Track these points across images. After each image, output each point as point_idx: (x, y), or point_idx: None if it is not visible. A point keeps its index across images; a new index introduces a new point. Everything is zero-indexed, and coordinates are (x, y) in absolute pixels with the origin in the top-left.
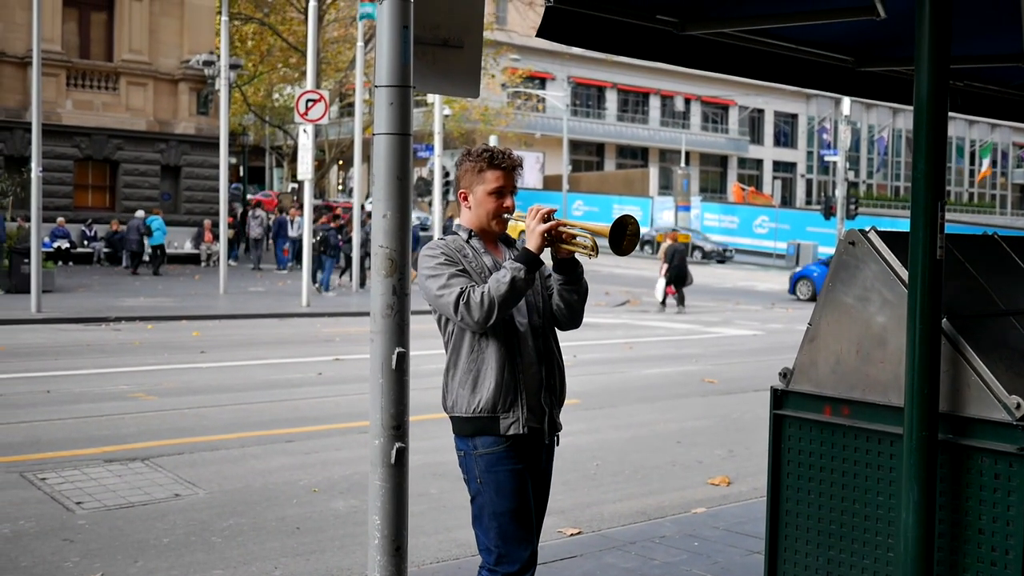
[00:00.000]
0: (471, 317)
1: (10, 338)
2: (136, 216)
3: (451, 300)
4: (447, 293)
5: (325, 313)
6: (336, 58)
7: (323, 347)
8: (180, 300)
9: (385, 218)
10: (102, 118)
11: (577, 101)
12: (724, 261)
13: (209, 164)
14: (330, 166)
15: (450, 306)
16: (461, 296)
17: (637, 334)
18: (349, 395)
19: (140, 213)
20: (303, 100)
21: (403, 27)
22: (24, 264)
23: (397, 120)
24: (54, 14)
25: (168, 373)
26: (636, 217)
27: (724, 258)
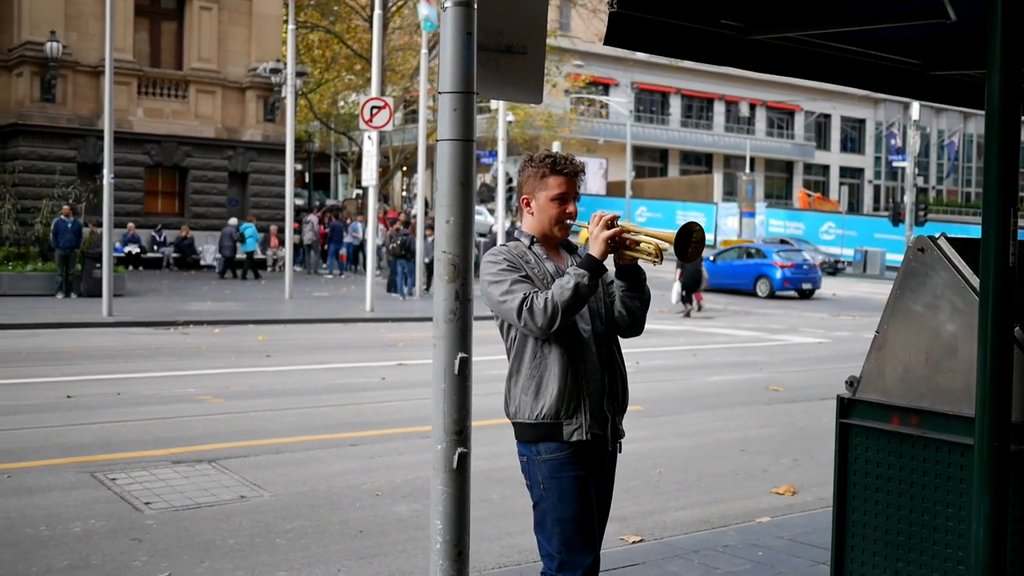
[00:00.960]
0: (534, 323)
1: (83, 341)
2: (229, 223)
3: (514, 306)
4: (510, 299)
5: (389, 318)
6: (401, 65)
7: (386, 352)
8: (246, 305)
9: (448, 224)
10: (172, 125)
11: (641, 107)
12: (836, 272)
13: (275, 171)
14: (394, 172)
15: (513, 312)
16: (524, 302)
17: (700, 341)
18: (412, 400)
19: (233, 220)
20: (368, 107)
21: (467, 33)
22: (96, 269)
23: (460, 126)
24: (126, 24)
25: (234, 376)
26: (701, 224)
27: (836, 269)
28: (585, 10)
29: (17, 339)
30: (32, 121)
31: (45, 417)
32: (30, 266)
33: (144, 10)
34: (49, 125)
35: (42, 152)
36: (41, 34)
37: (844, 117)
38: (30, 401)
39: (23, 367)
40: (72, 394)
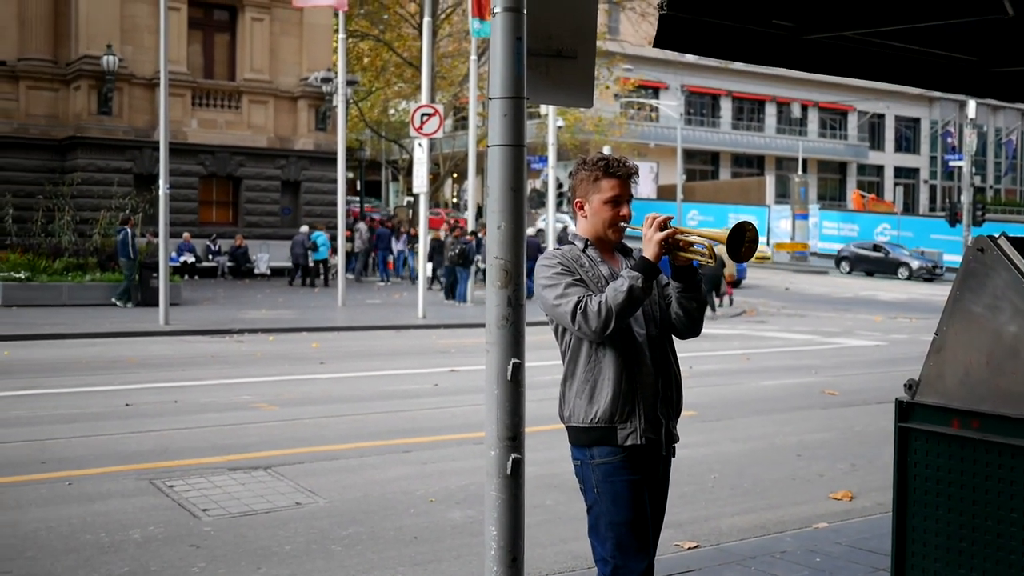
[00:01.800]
0: (588, 326)
1: (140, 350)
2: (301, 231)
3: (568, 309)
4: (564, 302)
5: (441, 324)
6: (450, 72)
7: (439, 358)
8: (300, 312)
9: (499, 229)
10: (225, 136)
11: (691, 110)
12: (933, 279)
13: (327, 179)
14: (444, 179)
15: (567, 315)
16: (578, 305)
17: (754, 345)
18: (465, 406)
19: (304, 228)
20: (418, 114)
21: (516, 39)
22: (153, 278)
23: (511, 131)
24: (180, 37)
25: (289, 384)
26: (754, 224)
27: (933, 275)
28: (634, 13)
29: (77, 348)
30: (89, 134)
31: (105, 425)
32: (88, 276)
33: (197, 23)
34: (106, 137)
35: (99, 164)
36: (98, 48)
37: (898, 116)
38: (90, 409)
39: (83, 376)
40: (131, 402)
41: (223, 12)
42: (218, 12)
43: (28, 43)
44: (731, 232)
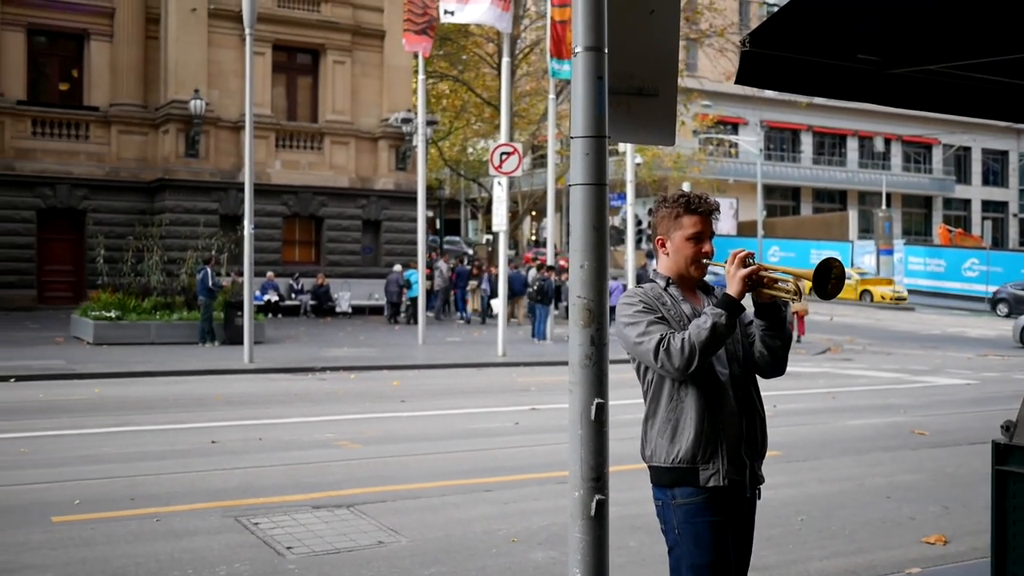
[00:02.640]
0: (671, 363)
1: (226, 387)
2: (394, 270)
3: (651, 347)
4: (647, 340)
5: (521, 363)
6: (528, 111)
7: (519, 396)
8: (381, 350)
9: (582, 268)
10: (308, 176)
11: (771, 145)
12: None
13: (407, 218)
14: (523, 217)
15: (650, 352)
16: (661, 342)
17: (840, 383)
18: (546, 444)
19: (398, 267)
20: (497, 153)
21: (598, 78)
22: (238, 317)
23: (593, 170)
24: (264, 80)
25: (371, 422)
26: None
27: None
28: (712, 49)
29: (165, 386)
30: (177, 176)
31: (191, 462)
32: (176, 315)
33: (281, 66)
34: (193, 179)
35: (187, 205)
36: (186, 93)
37: (985, 149)
38: (178, 446)
39: (171, 413)
40: (216, 439)
41: (306, 56)
42: (301, 56)
43: (120, 90)
44: (817, 269)
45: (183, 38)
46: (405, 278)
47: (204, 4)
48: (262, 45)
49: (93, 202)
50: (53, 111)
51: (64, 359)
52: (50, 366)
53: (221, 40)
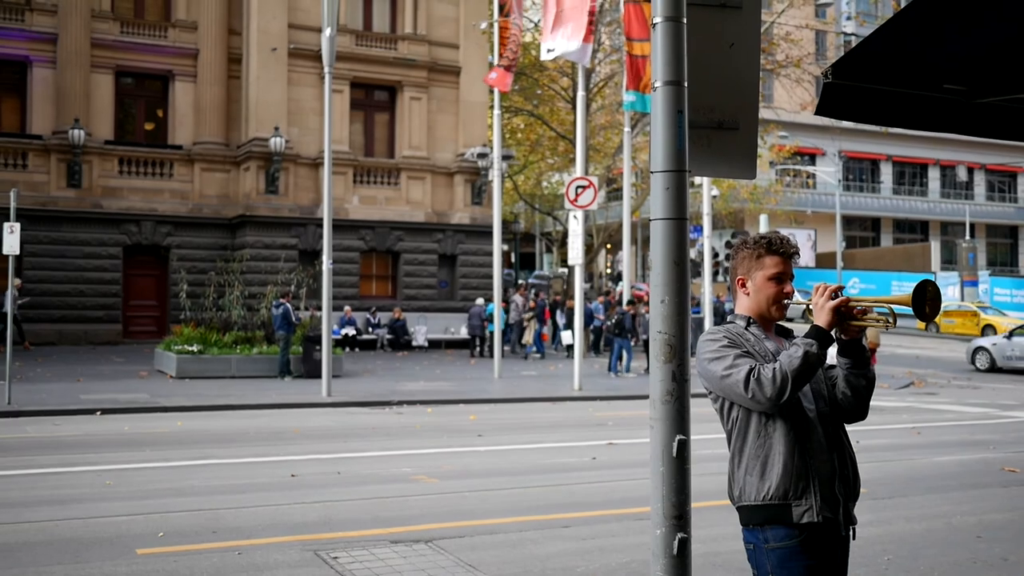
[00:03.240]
0: (763, 393)
1: (304, 421)
2: (477, 303)
3: (740, 378)
4: (735, 371)
5: (597, 396)
6: (603, 144)
7: (596, 431)
8: (457, 384)
9: (663, 303)
10: (385, 211)
11: (850, 175)
12: None
13: (483, 252)
14: (598, 250)
15: (740, 384)
16: (752, 373)
17: (924, 418)
18: (624, 480)
19: (480, 300)
20: (573, 187)
21: (677, 112)
22: (316, 351)
23: (673, 205)
24: (342, 117)
25: (448, 456)
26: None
27: None
28: (788, 80)
29: (245, 419)
30: (258, 212)
31: (272, 495)
32: (256, 349)
33: (359, 103)
34: (273, 215)
35: (267, 241)
36: (266, 130)
37: None
38: (258, 479)
39: (251, 446)
40: (296, 473)
41: (383, 92)
42: (378, 93)
43: (203, 128)
44: (915, 292)
45: (264, 77)
46: (487, 312)
47: (284, 44)
48: (340, 83)
49: (177, 238)
50: (139, 150)
51: (148, 393)
52: (135, 399)
53: (300, 79)
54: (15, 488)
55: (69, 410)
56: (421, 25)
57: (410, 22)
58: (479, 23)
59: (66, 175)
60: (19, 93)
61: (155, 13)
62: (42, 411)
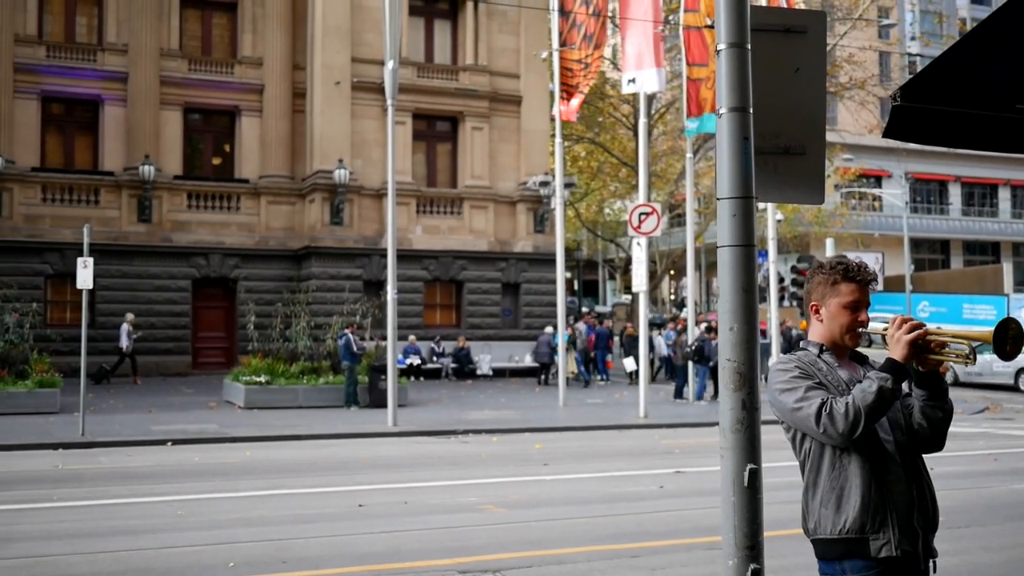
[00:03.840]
0: (835, 428)
1: (371, 450)
2: (545, 331)
3: (812, 411)
4: (806, 405)
5: (663, 424)
6: (666, 170)
7: (663, 459)
8: (522, 412)
9: (732, 331)
10: (448, 241)
11: (917, 197)
12: None
13: (546, 280)
14: (662, 277)
15: (811, 418)
16: (823, 407)
17: (1001, 444)
18: (692, 509)
19: (548, 329)
20: (636, 213)
21: (743, 138)
22: (381, 380)
23: (740, 231)
24: (405, 149)
25: (514, 485)
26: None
27: None
28: (852, 102)
29: (313, 449)
30: (323, 243)
31: (339, 525)
32: (322, 380)
33: (421, 134)
34: (338, 246)
35: (332, 272)
36: (330, 163)
37: None
38: (326, 509)
39: (319, 476)
40: (363, 503)
41: (445, 123)
42: (440, 124)
43: (268, 162)
44: (996, 329)
45: (327, 111)
46: (555, 340)
47: (348, 78)
48: (403, 115)
49: (244, 270)
50: (207, 184)
51: (217, 423)
52: (204, 430)
53: (364, 111)
54: (89, 518)
55: (141, 441)
56: (482, 56)
57: (471, 53)
58: (539, 53)
59: (137, 210)
60: (92, 131)
61: (222, 50)
62: (115, 442)
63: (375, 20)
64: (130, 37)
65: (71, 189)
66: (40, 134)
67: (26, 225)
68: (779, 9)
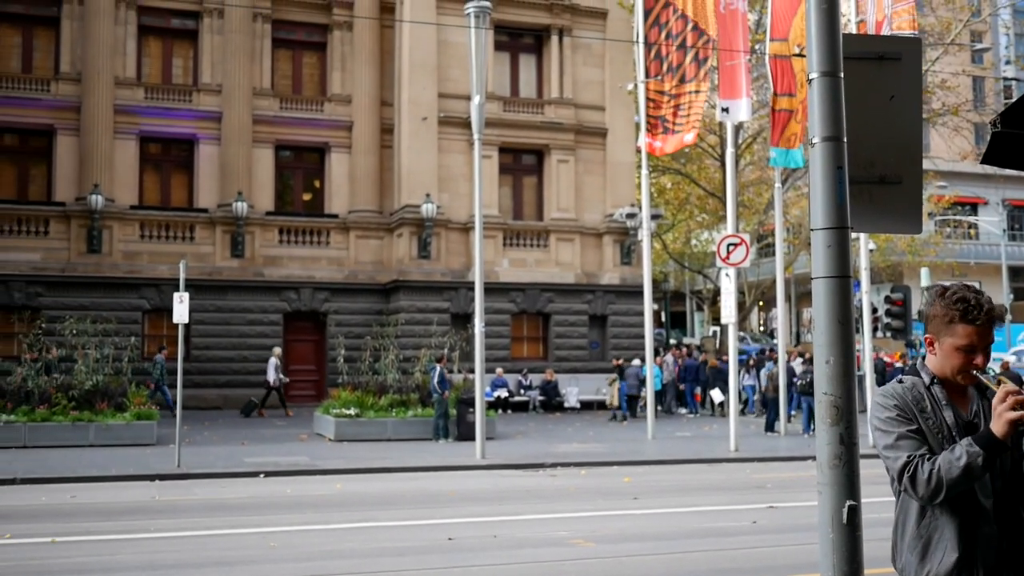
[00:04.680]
0: (915, 492)
1: (459, 483)
2: (633, 364)
3: (896, 467)
4: (893, 456)
5: (754, 458)
6: (753, 201)
7: (755, 493)
8: (610, 446)
9: (828, 364)
10: (534, 273)
11: (1015, 224)
12: None
13: (633, 312)
14: (751, 308)
15: (895, 472)
16: (907, 467)
17: None
18: (787, 545)
19: (636, 361)
20: (724, 244)
21: (837, 168)
22: (469, 413)
23: (836, 262)
24: (491, 182)
25: (604, 519)
26: None
27: None
28: (946, 129)
29: (402, 481)
30: (411, 277)
31: (429, 559)
32: (411, 412)
33: (507, 168)
34: (425, 280)
35: (419, 305)
36: (418, 197)
37: None
38: (416, 542)
39: (408, 509)
40: (453, 536)
41: (531, 156)
42: (526, 157)
43: (357, 197)
44: None
45: (415, 146)
46: (643, 372)
47: (434, 113)
48: (489, 148)
49: (333, 304)
50: (297, 220)
51: (308, 455)
52: (296, 462)
53: (450, 146)
54: (186, 549)
55: (234, 473)
56: (567, 89)
57: (556, 86)
58: (624, 85)
59: (230, 246)
60: (187, 169)
61: (312, 88)
62: (209, 474)
63: (461, 56)
64: (224, 78)
65: (167, 226)
66: (138, 173)
67: (125, 261)
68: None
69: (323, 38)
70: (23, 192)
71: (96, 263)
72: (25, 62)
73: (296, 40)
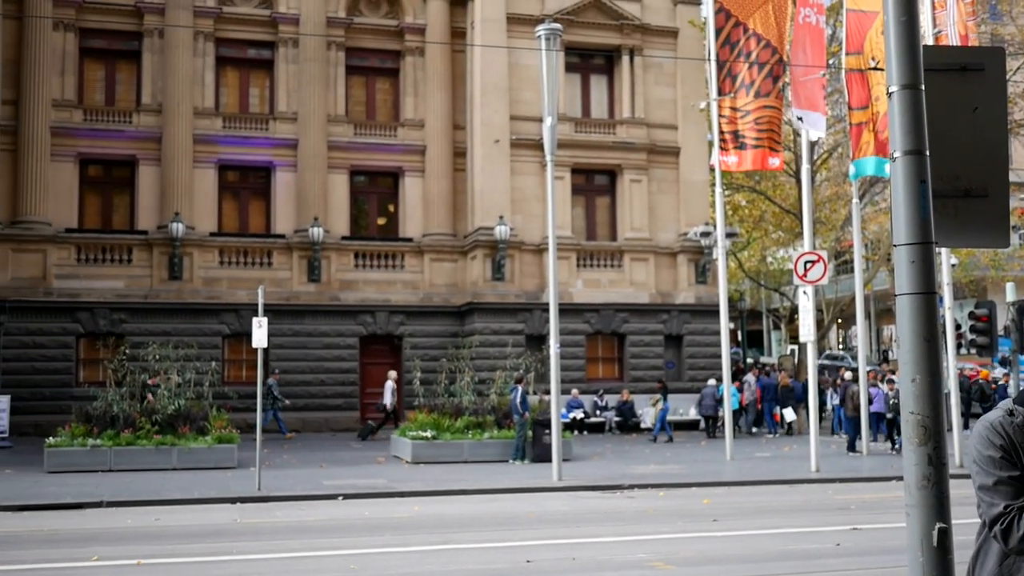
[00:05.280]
0: (1004, 544)
1: (536, 505)
2: (709, 384)
3: (991, 514)
4: (989, 501)
5: (836, 479)
6: (830, 217)
7: (838, 515)
8: (688, 467)
9: (914, 383)
10: (608, 294)
11: None
12: None
13: (709, 331)
14: (830, 326)
15: (987, 518)
16: (1003, 518)
17: None
18: (873, 568)
19: (712, 381)
20: (801, 262)
21: (920, 181)
22: (546, 434)
23: (920, 278)
24: (564, 203)
25: (683, 542)
26: None
27: None
28: None
29: (479, 504)
30: (485, 299)
31: None
32: (487, 434)
33: (580, 188)
34: (499, 302)
35: (494, 327)
36: (491, 219)
37: None
38: (494, 565)
39: (486, 531)
40: (531, 558)
41: (603, 177)
42: (598, 177)
43: (431, 220)
44: None
45: (487, 168)
46: (719, 392)
47: (507, 135)
48: (562, 170)
49: (409, 327)
50: (372, 244)
51: (386, 478)
52: (373, 485)
53: (523, 168)
54: (269, 571)
55: (314, 495)
56: (639, 108)
57: (628, 106)
58: (697, 103)
59: (307, 270)
60: (264, 196)
61: (385, 114)
62: (289, 496)
63: (532, 78)
64: (299, 105)
65: (246, 252)
66: (217, 201)
67: (205, 287)
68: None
69: (395, 64)
70: (107, 221)
71: (177, 289)
72: (108, 95)
73: (369, 67)
